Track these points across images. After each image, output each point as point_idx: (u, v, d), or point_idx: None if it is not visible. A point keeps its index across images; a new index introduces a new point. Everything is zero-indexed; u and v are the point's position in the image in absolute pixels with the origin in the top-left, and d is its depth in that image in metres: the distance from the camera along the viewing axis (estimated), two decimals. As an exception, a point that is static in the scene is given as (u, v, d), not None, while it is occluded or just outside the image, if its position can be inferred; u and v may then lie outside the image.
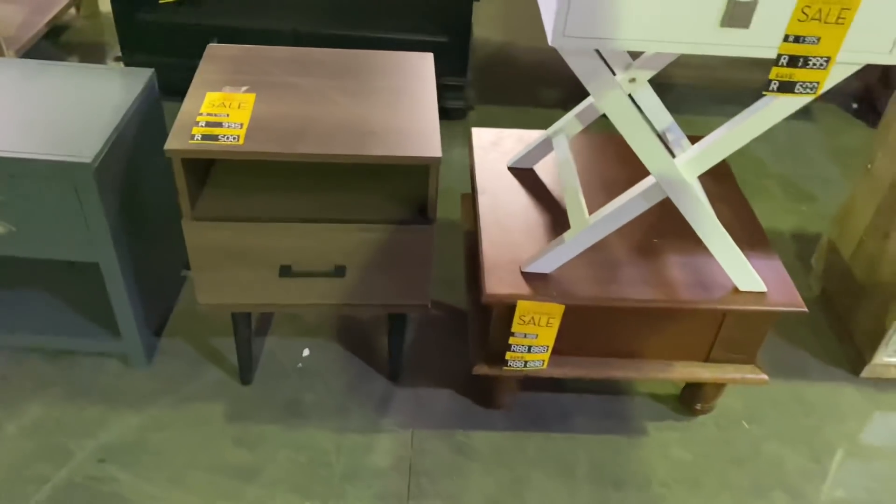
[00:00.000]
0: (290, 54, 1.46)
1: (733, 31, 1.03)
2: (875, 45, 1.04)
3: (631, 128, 1.16)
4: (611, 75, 1.11)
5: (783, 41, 1.03)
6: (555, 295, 1.33)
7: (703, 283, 1.37)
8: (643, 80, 1.49)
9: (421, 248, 1.35)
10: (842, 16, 1.01)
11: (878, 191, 1.67)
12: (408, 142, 1.25)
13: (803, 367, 1.74)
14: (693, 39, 1.04)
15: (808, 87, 1.08)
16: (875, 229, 1.68)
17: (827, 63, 1.05)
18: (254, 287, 1.38)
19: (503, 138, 1.72)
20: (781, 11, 1.01)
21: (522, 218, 1.49)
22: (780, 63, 1.05)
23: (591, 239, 1.32)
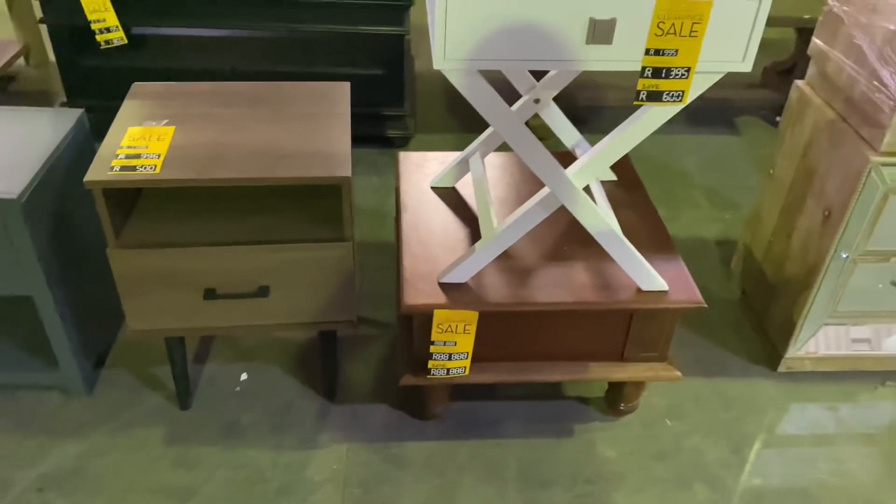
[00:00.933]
0: (210, 88, 1.54)
1: (599, 47, 1.12)
2: (729, 55, 1.15)
3: (519, 141, 1.25)
4: (495, 94, 1.19)
5: (645, 54, 1.13)
6: (469, 302, 1.40)
7: (610, 286, 1.45)
8: (547, 99, 1.58)
9: (342, 265, 1.42)
10: (694, 29, 1.11)
11: (780, 194, 1.78)
12: (319, 163, 1.32)
13: (725, 365, 1.82)
14: (563, 57, 1.13)
15: (675, 96, 1.17)
16: (780, 230, 1.78)
17: (688, 73, 1.15)
18: (181, 311, 1.43)
19: (428, 161, 1.81)
20: (639, 27, 1.11)
21: (442, 233, 1.57)
22: (645, 75, 1.15)
23: (500, 247, 1.40)
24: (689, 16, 1.09)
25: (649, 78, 1.15)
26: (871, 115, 1.45)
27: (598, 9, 1.09)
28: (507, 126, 1.24)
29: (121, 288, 1.39)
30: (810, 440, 1.65)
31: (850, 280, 1.64)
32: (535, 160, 1.27)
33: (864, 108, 1.47)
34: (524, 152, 1.26)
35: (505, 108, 1.21)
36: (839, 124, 1.54)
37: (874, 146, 1.45)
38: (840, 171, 1.53)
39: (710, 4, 1.08)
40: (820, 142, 1.60)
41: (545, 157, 1.26)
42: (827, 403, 1.73)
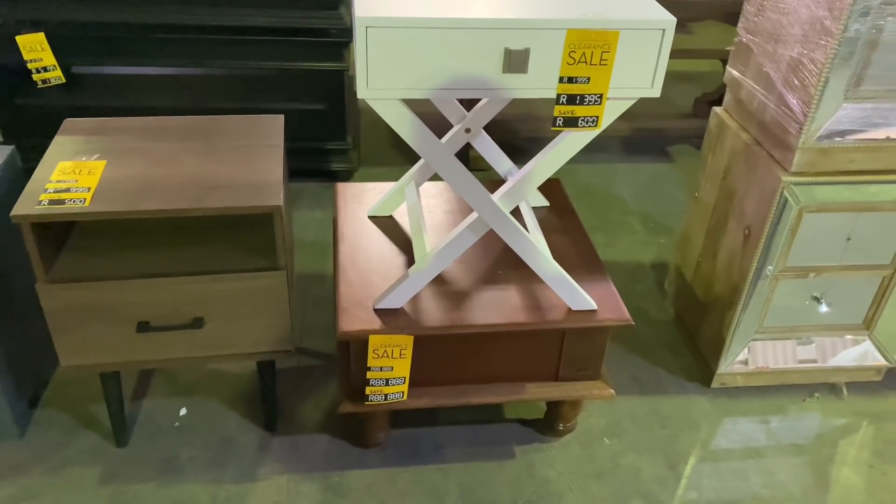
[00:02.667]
0: (142, 123, 1.55)
1: (516, 75, 1.18)
2: (639, 81, 1.21)
3: (446, 168, 1.29)
4: (419, 122, 1.24)
5: (559, 82, 1.18)
6: (404, 326, 1.43)
7: (541, 307, 1.49)
8: (478, 129, 1.63)
9: (276, 294, 1.43)
10: (604, 58, 1.17)
11: (705, 216, 1.85)
12: (250, 193, 1.34)
13: (661, 383, 1.87)
14: (482, 86, 1.18)
15: (590, 121, 1.23)
16: (707, 251, 1.85)
17: (601, 99, 1.21)
18: (114, 345, 1.42)
19: (365, 191, 1.84)
20: (553, 56, 1.16)
21: (378, 260, 1.59)
22: (560, 101, 1.20)
23: (433, 272, 1.43)
24: (599, 45, 1.15)
25: (564, 105, 1.21)
26: (781, 138, 1.53)
27: (513, 40, 1.14)
28: (432, 153, 1.28)
29: (51, 323, 1.38)
30: (743, 453, 1.69)
31: (774, 296, 1.72)
32: (462, 186, 1.31)
33: (774, 132, 1.56)
34: (450, 178, 1.30)
35: (429, 135, 1.25)
36: (753, 147, 1.62)
37: (785, 167, 1.52)
38: (757, 192, 1.61)
39: (616, 34, 1.15)
40: (737, 164, 1.68)
41: (471, 182, 1.31)
42: (758, 417, 1.79)
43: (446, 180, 1.30)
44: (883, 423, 1.79)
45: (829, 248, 1.65)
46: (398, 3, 1.16)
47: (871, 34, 1.36)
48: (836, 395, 1.86)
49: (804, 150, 1.48)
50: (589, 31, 1.14)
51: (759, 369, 1.80)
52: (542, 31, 1.14)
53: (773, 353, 1.81)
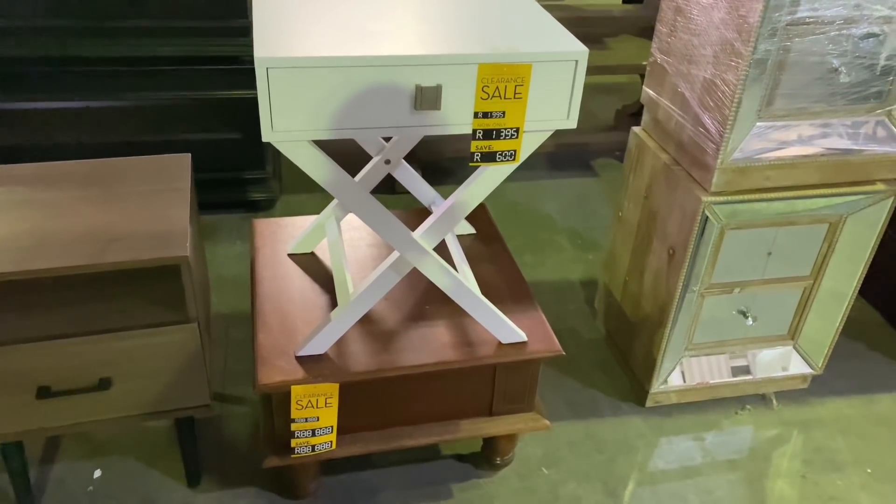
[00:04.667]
0: (34, 171, 1.44)
1: (428, 112, 1.13)
2: (554, 114, 1.18)
3: (362, 208, 1.23)
4: (331, 163, 1.18)
5: (474, 117, 1.15)
6: (328, 374, 1.36)
7: (471, 342, 1.45)
8: (398, 159, 1.58)
9: (187, 347, 1.34)
10: (518, 92, 1.14)
11: (629, 235, 1.85)
12: (153, 244, 1.26)
13: (596, 406, 1.85)
14: (394, 124, 1.13)
15: (508, 156, 1.20)
16: (633, 270, 1.85)
17: (517, 133, 1.18)
18: (13, 414, 1.31)
19: (284, 227, 1.76)
20: (465, 92, 1.12)
21: (300, 302, 1.52)
22: (477, 137, 1.17)
23: (355, 315, 1.36)
24: (512, 79, 1.12)
25: (481, 140, 1.17)
26: (699, 158, 1.54)
27: (424, 76, 1.10)
28: (347, 196, 1.22)
29: (-64, 397, 1.25)
30: (680, 473, 1.69)
31: (701, 313, 1.72)
32: (381, 226, 1.26)
33: (692, 152, 1.56)
34: (368, 219, 1.24)
35: (343, 177, 1.19)
36: (673, 167, 1.63)
37: (705, 187, 1.53)
38: (678, 212, 1.61)
39: (529, 68, 1.12)
40: (658, 184, 1.69)
41: (390, 221, 1.25)
42: (693, 434, 1.79)
43: (364, 221, 1.25)
44: (811, 432, 1.82)
45: (751, 263, 1.67)
46: (300, 40, 1.10)
47: (780, 55, 1.37)
48: (766, 406, 1.88)
49: (722, 170, 1.48)
50: (501, 65, 1.10)
51: (692, 386, 1.81)
52: (453, 66, 1.10)
53: (704, 369, 1.81)
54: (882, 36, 1.39)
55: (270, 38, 1.09)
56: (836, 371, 1.96)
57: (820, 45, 1.38)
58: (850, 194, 1.59)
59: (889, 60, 1.42)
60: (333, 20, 1.18)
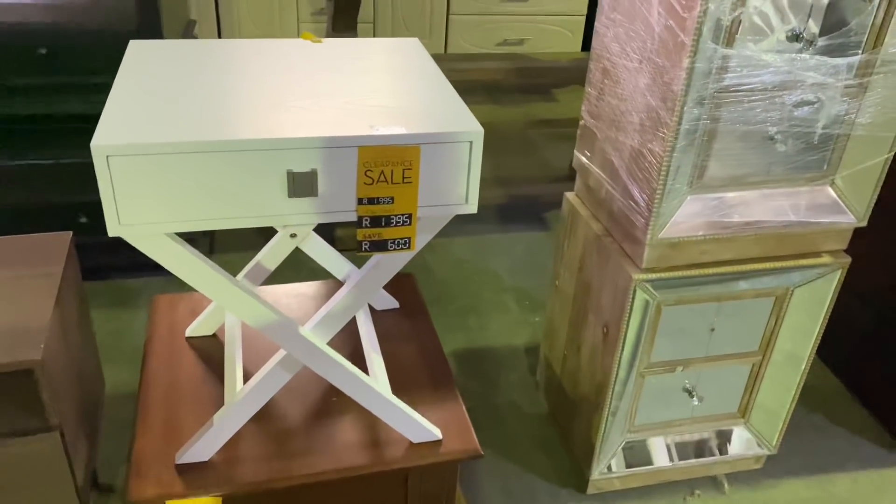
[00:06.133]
0: None
1: (304, 199, 1.00)
2: (452, 198, 1.05)
3: (236, 304, 1.09)
4: (195, 256, 1.04)
5: (358, 204, 1.01)
6: (211, 485, 1.20)
7: (380, 442, 1.30)
8: (306, 231, 1.45)
9: (51, 458, 1.18)
10: (407, 176, 1.01)
11: (566, 306, 1.72)
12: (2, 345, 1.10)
13: (534, 493, 1.70)
14: (266, 213, 1.00)
15: (401, 244, 1.06)
16: (571, 343, 1.71)
17: (410, 219, 1.05)
18: None
19: (187, 303, 1.61)
20: (346, 177, 0.99)
21: (190, 396, 1.36)
22: (363, 225, 1.03)
23: (240, 418, 1.21)
24: (399, 163, 0.99)
25: (369, 227, 1.04)
26: (630, 232, 1.42)
27: (296, 161, 0.96)
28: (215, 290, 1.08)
29: None
30: (622, 572, 1.54)
31: (642, 393, 1.59)
32: (258, 320, 1.11)
33: (623, 224, 1.44)
34: (243, 313, 1.10)
35: (207, 269, 1.05)
36: (605, 239, 1.50)
37: (637, 263, 1.41)
38: (611, 287, 1.48)
39: (417, 150, 0.99)
40: (591, 256, 1.56)
41: (269, 315, 1.11)
42: (638, 524, 1.65)
43: (240, 318, 1.10)
44: (766, 518, 1.68)
45: (693, 340, 1.55)
46: (149, 121, 0.97)
47: (709, 124, 1.26)
48: (717, 490, 1.74)
49: (653, 245, 1.36)
50: (385, 147, 0.98)
51: (635, 471, 1.66)
52: (329, 149, 0.96)
53: (648, 452, 1.67)
54: (818, 103, 1.28)
55: (117, 121, 0.96)
56: (793, 447, 1.82)
57: (752, 114, 1.27)
58: (795, 268, 1.48)
59: (827, 128, 1.32)
60: (198, 99, 1.05)
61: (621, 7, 1.36)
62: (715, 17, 1.15)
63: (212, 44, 1.25)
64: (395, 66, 1.22)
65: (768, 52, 1.22)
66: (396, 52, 1.29)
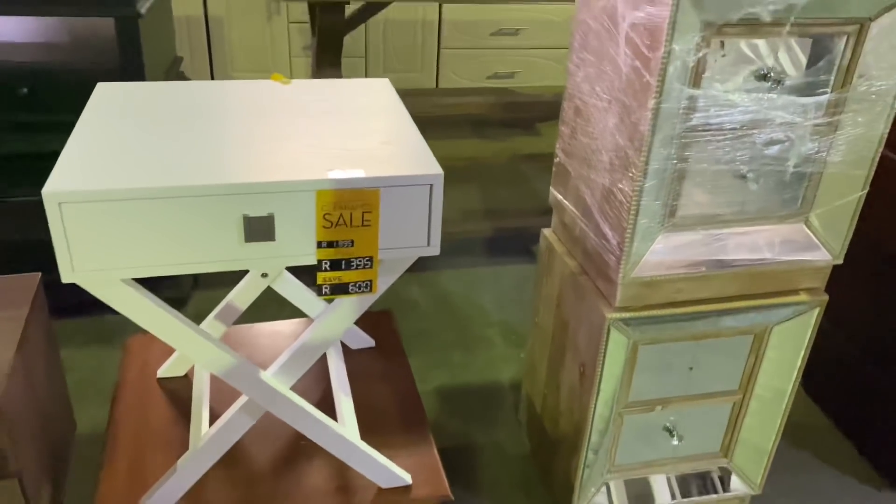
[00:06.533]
0: None
1: (262, 244, 0.99)
2: (413, 240, 1.04)
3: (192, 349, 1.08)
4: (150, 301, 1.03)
5: (317, 247, 1.01)
6: (174, 533, 1.18)
7: (349, 487, 1.28)
8: (278, 270, 1.44)
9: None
10: (367, 219, 1.00)
11: (545, 344, 1.70)
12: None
13: (514, 536, 1.67)
14: (223, 258, 0.99)
15: (363, 286, 1.05)
16: (551, 382, 1.69)
17: (371, 262, 1.04)
18: None
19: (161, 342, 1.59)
20: (305, 220, 0.98)
21: (159, 438, 1.35)
22: (323, 268, 1.02)
23: (202, 465, 1.19)
24: (358, 206, 0.98)
25: (329, 271, 1.03)
26: (603, 270, 1.40)
27: (252, 205, 0.96)
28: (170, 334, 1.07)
29: None
30: None
31: (621, 433, 1.56)
32: (218, 366, 1.10)
33: (597, 262, 1.43)
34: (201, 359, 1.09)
35: (162, 313, 1.04)
36: (580, 277, 1.49)
37: (611, 301, 1.39)
38: (586, 326, 1.46)
39: (376, 194, 0.98)
40: (568, 293, 1.55)
41: (228, 359, 1.10)
42: (619, 568, 1.61)
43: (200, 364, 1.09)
44: (751, 562, 1.64)
45: (672, 379, 1.52)
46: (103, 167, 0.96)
47: (679, 163, 1.26)
48: (701, 531, 1.70)
49: (626, 284, 1.35)
50: (343, 191, 0.97)
51: (617, 512, 1.63)
52: (286, 193, 0.96)
53: (629, 493, 1.64)
54: (787, 142, 1.28)
55: (72, 167, 0.96)
56: (779, 487, 1.79)
57: (722, 153, 1.27)
58: (772, 306, 1.46)
59: (798, 167, 1.31)
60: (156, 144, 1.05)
61: (590, 47, 1.37)
62: (680, 58, 1.15)
63: (181, 86, 1.26)
64: (361, 108, 1.22)
65: (736, 92, 1.22)
66: (365, 93, 1.29)
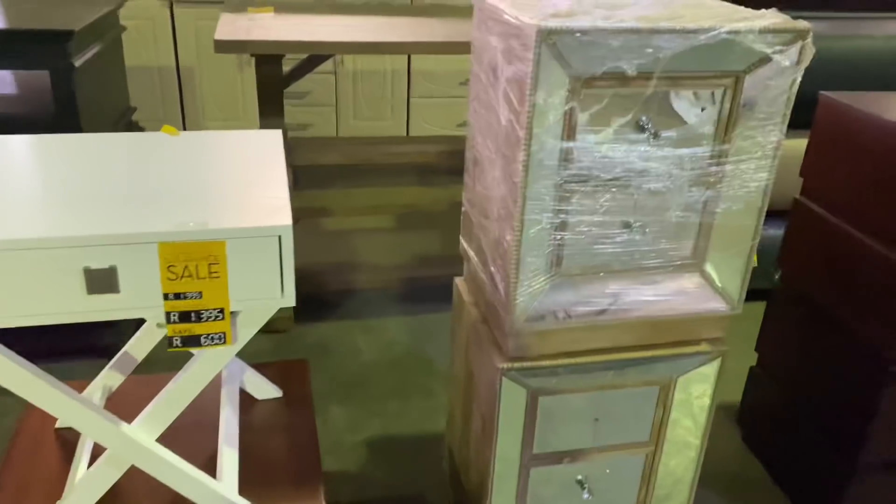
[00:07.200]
0: None
1: (105, 296, 0.99)
2: (265, 292, 1.04)
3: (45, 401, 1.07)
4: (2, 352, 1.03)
5: (164, 300, 1.01)
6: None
7: (226, 541, 1.25)
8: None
9: None
10: (213, 270, 1.00)
11: (459, 394, 1.68)
12: None
13: (426, 593, 1.62)
14: (66, 310, 0.99)
15: (216, 339, 1.05)
16: (464, 433, 1.67)
17: (222, 314, 1.03)
18: None
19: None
20: (149, 273, 0.99)
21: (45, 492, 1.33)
22: (172, 320, 1.02)
23: (69, 519, 1.17)
24: (203, 258, 0.99)
25: (178, 323, 1.02)
26: (497, 320, 1.40)
27: (92, 258, 0.96)
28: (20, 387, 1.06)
29: None
30: None
31: (529, 487, 1.53)
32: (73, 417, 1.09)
33: (494, 312, 1.42)
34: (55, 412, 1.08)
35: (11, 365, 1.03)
36: (481, 326, 1.48)
37: (504, 351, 1.38)
38: (486, 376, 1.45)
39: (223, 245, 0.99)
40: (472, 343, 1.54)
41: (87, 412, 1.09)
42: None
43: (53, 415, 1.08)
44: None
45: (577, 430, 1.50)
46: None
47: (559, 215, 1.26)
48: (619, 589, 1.65)
49: (517, 334, 1.34)
50: (187, 243, 0.97)
51: (529, 569, 1.59)
52: (128, 245, 0.96)
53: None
54: (668, 193, 1.28)
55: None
56: (705, 543, 1.75)
57: (602, 203, 1.27)
58: (673, 356, 1.44)
59: (682, 217, 1.31)
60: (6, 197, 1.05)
61: (481, 99, 1.39)
62: (546, 111, 1.16)
63: (67, 138, 1.28)
64: (238, 159, 1.23)
65: (611, 144, 1.23)
66: (250, 144, 1.30)
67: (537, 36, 1.09)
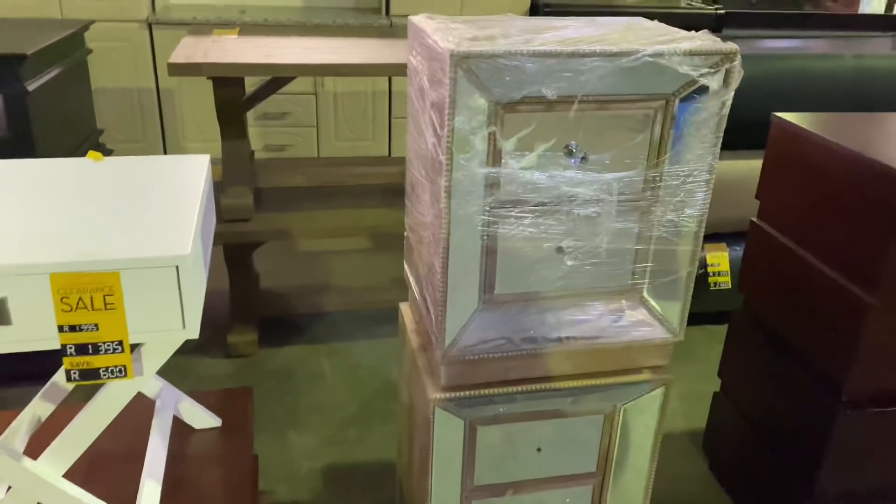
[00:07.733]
0: None
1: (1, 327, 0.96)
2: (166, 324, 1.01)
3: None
4: None
5: (59, 331, 0.98)
6: None
7: (144, 579, 1.21)
8: (105, 350, 1.40)
9: None
10: (109, 302, 0.97)
11: (406, 426, 1.64)
12: None
13: None
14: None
15: (116, 371, 1.02)
16: (410, 464, 1.63)
17: (122, 346, 1.00)
18: None
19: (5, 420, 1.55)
20: (43, 304, 0.96)
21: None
22: (69, 353, 0.99)
23: (-26, 556, 1.14)
24: (97, 289, 0.96)
25: (75, 356, 0.99)
26: (431, 348, 1.36)
27: (-17, 288, 0.94)
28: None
29: None
30: None
31: (472, 521, 1.49)
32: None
33: (429, 340, 1.39)
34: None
35: None
36: (420, 354, 1.45)
37: (437, 381, 1.34)
38: (422, 407, 1.41)
39: (117, 276, 0.96)
40: (412, 372, 1.50)
41: (-12, 449, 1.06)
42: None
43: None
44: None
45: (519, 461, 1.45)
46: None
47: (486, 240, 1.23)
48: None
49: (448, 363, 1.30)
50: (79, 273, 0.95)
51: None
52: (18, 276, 0.94)
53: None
54: (598, 218, 1.25)
55: None
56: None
57: (531, 229, 1.24)
58: (614, 385, 1.40)
59: (614, 243, 1.28)
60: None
61: (414, 122, 1.36)
62: (465, 136, 1.13)
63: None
64: (156, 186, 1.21)
65: (536, 169, 1.20)
66: (175, 170, 1.28)
67: (451, 60, 1.07)
